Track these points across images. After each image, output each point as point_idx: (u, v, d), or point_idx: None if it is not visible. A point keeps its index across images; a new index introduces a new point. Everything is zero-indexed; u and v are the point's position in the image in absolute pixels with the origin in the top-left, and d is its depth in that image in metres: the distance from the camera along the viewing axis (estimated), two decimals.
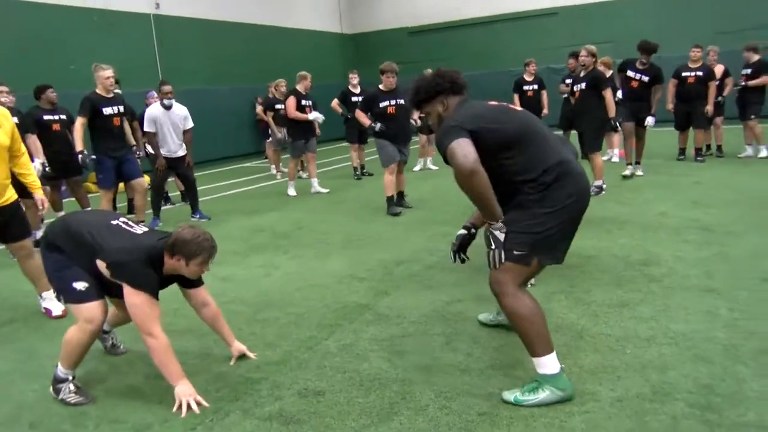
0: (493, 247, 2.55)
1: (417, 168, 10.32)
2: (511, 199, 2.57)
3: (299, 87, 8.56)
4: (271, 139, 10.71)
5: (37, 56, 10.53)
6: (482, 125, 2.52)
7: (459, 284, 4.22)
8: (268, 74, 13.07)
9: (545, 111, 10.11)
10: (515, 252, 2.52)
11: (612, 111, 6.90)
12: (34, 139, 6.14)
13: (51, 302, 4.18)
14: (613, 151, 9.83)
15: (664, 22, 14.81)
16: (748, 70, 9.06)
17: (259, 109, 12.20)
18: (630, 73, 8.06)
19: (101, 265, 2.82)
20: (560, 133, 9.24)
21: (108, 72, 6.18)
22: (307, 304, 4.06)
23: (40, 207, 4.10)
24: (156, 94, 8.40)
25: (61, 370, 2.91)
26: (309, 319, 3.78)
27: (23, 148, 4.04)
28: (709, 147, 9.66)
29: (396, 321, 3.65)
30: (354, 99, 9.53)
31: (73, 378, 2.94)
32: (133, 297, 2.74)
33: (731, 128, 10.22)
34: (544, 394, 2.53)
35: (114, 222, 2.97)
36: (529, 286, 3.89)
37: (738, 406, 2.43)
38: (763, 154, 8.99)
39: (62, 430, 2.67)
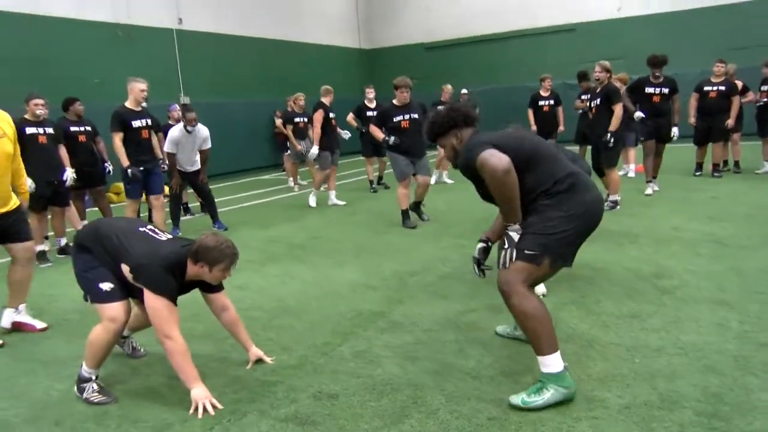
0: (506, 246, 2.67)
1: (432, 181, 10.39)
2: (525, 210, 2.71)
3: (325, 100, 8.75)
4: (289, 152, 10.86)
5: (62, 69, 10.81)
6: (503, 144, 2.68)
7: (472, 294, 4.28)
8: (286, 88, 13.29)
9: (561, 128, 10.15)
10: (527, 252, 2.64)
11: (616, 125, 6.88)
12: (64, 150, 6.41)
13: (26, 317, 4.19)
14: (629, 166, 9.84)
15: (678, 38, 14.81)
16: (767, 87, 9.05)
17: (278, 122, 12.38)
18: (649, 90, 7.95)
19: (125, 268, 2.93)
20: (576, 148, 9.28)
21: (142, 85, 6.34)
22: (323, 312, 4.15)
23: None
24: (177, 107, 8.61)
25: (85, 370, 3.02)
26: (324, 326, 3.86)
27: (18, 153, 4.12)
28: (726, 163, 9.64)
29: (409, 328, 3.72)
30: (369, 113, 9.67)
31: (97, 378, 3.04)
32: (153, 301, 2.84)
33: (749, 144, 10.20)
34: (548, 393, 2.60)
35: (141, 229, 3.10)
36: (542, 296, 3.97)
37: (746, 416, 2.47)
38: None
39: (85, 428, 2.76)
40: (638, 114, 7.85)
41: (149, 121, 6.54)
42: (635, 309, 3.78)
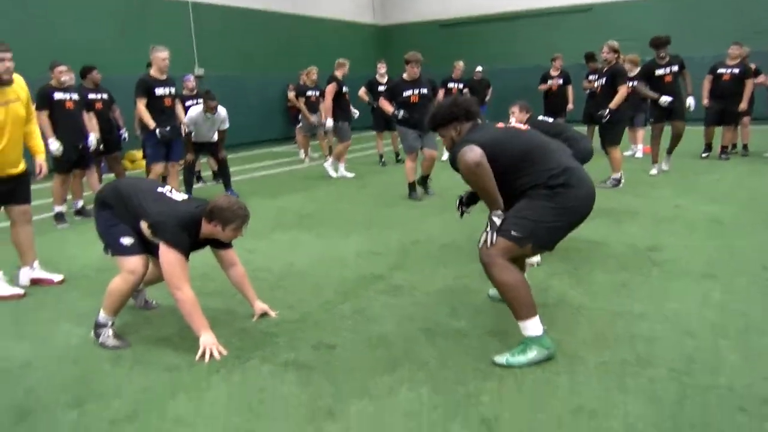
0: (488, 229, 2.83)
1: (444, 157, 10.49)
2: (517, 198, 2.87)
3: (338, 73, 8.89)
4: (301, 125, 11.02)
5: (79, 40, 10.97)
6: (492, 144, 2.82)
7: (469, 263, 4.45)
8: (300, 62, 13.38)
9: (570, 106, 10.22)
10: (513, 233, 2.78)
11: (617, 103, 6.93)
12: (90, 116, 6.72)
13: (41, 272, 4.40)
14: (637, 147, 9.89)
15: (693, 21, 14.67)
16: None
17: (291, 95, 12.50)
18: (659, 72, 7.89)
19: (144, 225, 3.14)
20: (584, 128, 9.35)
21: (164, 53, 6.43)
22: (327, 275, 4.35)
23: (38, 171, 4.30)
24: (192, 78, 8.80)
25: (102, 316, 3.24)
26: (327, 287, 4.06)
27: (33, 116, 4.28)
28: (734, 146, 9.67)
29: (407, 291, 3.91)
30: (380, 88, 9.76)
31: (113, 324, 3.27)
32: (166, 255, 3.05)
33: (759, 128, 10.19)
34: (532, 354, 2.77)
35: (159, 189, 3.31)
36: (536, 266, 4.14)
37: (713, 373, 2.64)
38: None
39: (102, 368, 2.99)
40: (664, 98, 7.70)
41: (173, 90, 6.66)
42: (625, 279, 3.94)
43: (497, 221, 2.81)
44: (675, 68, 7.89)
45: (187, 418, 2.48)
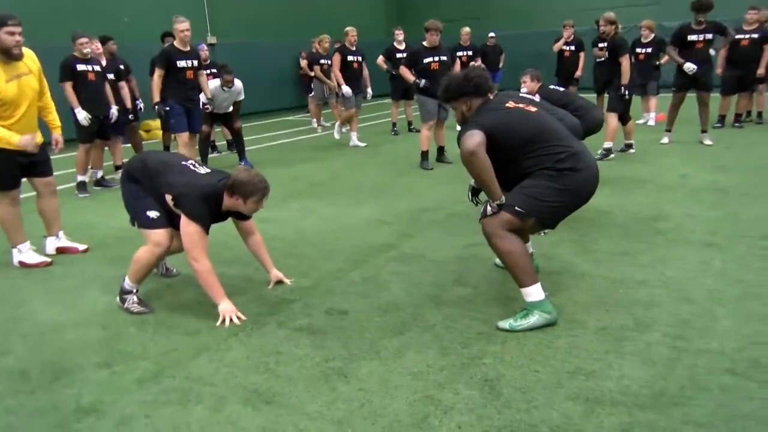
0: (482, 216, 2.98)
1: (459, 127, 10.45)
2: (528, 177, 2.95)
3: (346, 43, 8.91)
4: (313, 93, 11.06)
5: (90, 8, 11.04)
6: (499, 127, 2.90)
7: (477, 231, 4.50)
8: (311, 30, 13.35)
9: (578, 73, 10.16)
10: (516, 208, 2.88)
11: (626, 78, 6.80)
12: (122, 85, 7.09)
13: (66, 241, 4.58)
14: (650, 115, 9.86)
15: None
16: None
17: (303, 63, 12.50)
18: (692, 37, 7.57)
19: (168, 197, 3.29)
20: (594, 96, 9.31)
21: (181, 25, 6.45)
22: (338, 243, 4.50)
23: (54, 145, 4.41)
24: (205, 47, 8.87)
25: (127, 283, 3.42)
26: (339, 255, 4.21)
27: (47, 89, 4.37)
28: (749, 113, 9.60)
29: (416, 259, 4.05)
30: (399, 56, 9.73)
31: (137, 291, 3.45)
32: (187, 226, 3.20)
33: None
34: (534, 318, 2.92)
35: (183, 163, 3.43)
36: (542, 234, 4.26)
37: (706, 337, 2.77)
38: None
39: (128, 331, 3.18)
40: (689, 66, 7.49)
41: (195, 62, 6.67)
42: (628, 247, 4.05)
43: (490, 211, 2.93)
44: (709, 36, 7.58)
45: (209, 377, 2.66)
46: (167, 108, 6.62)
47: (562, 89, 5.52)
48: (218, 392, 2.53)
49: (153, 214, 3.34)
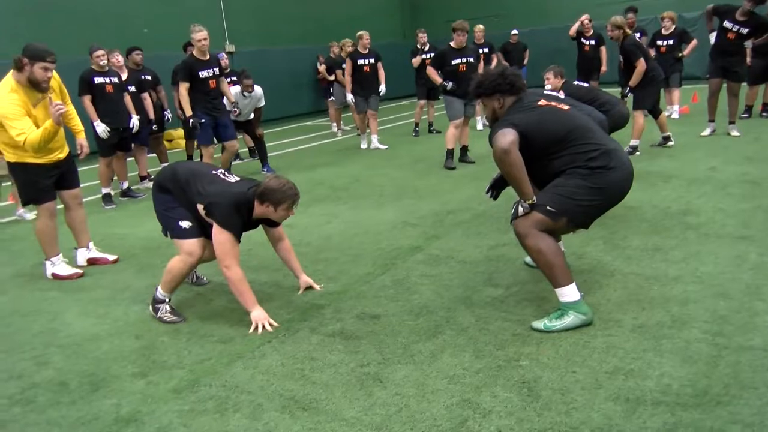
0: (513, 217, 2.95)
1: (480, 126, 10.43)
2: (560, 175, 2.93)
3: (359, 47, 8.93)
4: (333, 97, 11.08)
5: (111, 20, 11.20)
6: (533, 125, 2.88)
7: (503, 230, 4.55)
8: (327, 35, 13.41)
9: (604, 68, 10.04)
10: (548, 208, 2.85)
11: (635, 81, 6.63)
12: (144, 96, 7.12)
13: (96, 252, 4.63)
14: (673, 108, 9.72)
15: None
16: None
17: (321, 68, 12.53)
18: (727, 25, 7.42)
19: (200, 207, 3.31)
20: (619, 90, 9.19)
21: (200, 34, 6.38)
22: (364, 247, 4.49)
23: (78, 151, 4.45)
24: (224, 55, 8.95)
25: (160, 293, 3.45)
26: (366, 259, 4.21)
27: (68, 97, 4.40)
28: None
29: (444, 261, 4.03)
30: (423, 56, 9.83)
31: (170, 300, 3.47)
32: (219, 235, 3.22)
33: None
34: (569, 319, 2.88)
35: (213, 172, 3.45)
36: (573, 233, 4.20)
37: (746, 334, 2.71)
38: None
39: (161, 341, 3.20)
40: (747, 44, 7.51)
41: (216, 70, 6.61)
42: (659, 243, 3.99)
43: (521, 211, 2.90)
44: (744, 31, 7.39)
45: (245, 385, 2.67)
46: (202, 121, 6.55)
47: (586, 85, 5.47)
48: (255, 400, 2.54)
49: (185, 224, 3.37)
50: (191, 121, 6.55)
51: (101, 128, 6.32)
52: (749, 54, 8.52)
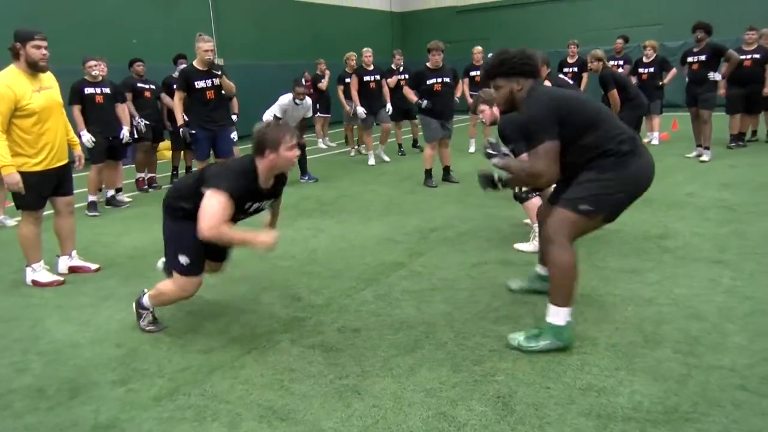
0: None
1: (472, 149, 10.40)
2: (582, 167, 2.85)
3: (363, 64, 9.24)
4: (318, 114, 11.16)
5: (100, 32, 11.24)
6: (564, 114, 2.79)
7: (487, 249, 4.62)
8: (318, 51, 13.55)
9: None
10: (581, 206, 2.79)
11: (615, 110, 6.66)
12: (124, 108, 6.97)
13: (79, 261, 4.61)
14: (653, 134, 9.90)
15: (719, 3, 14.54)
16: None
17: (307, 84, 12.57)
18: (689, 59, 8.24)
19: (204, 194, 2.96)
20: None
21: (206, 45, 6.16)
22: (349, 261, 4.53)
23: (77, 163, 4.53)
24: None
25: (146, 301, 3.43)
26: (349, 274, 4.25)
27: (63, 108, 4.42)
28: (755, 133, 9.63)
29: (426, 277, 4.09)
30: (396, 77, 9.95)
31: (153, 310, 3.48)
32: (207, 199, 2.89)
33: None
34: (544, 342, 2.86)
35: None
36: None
37: (716, 354, 2.79)
38: None
39: (142, 349, 3.21)
40: (712, 75, 8.02)
41: (216, 81, 6.33)
42: (636, 265, 4.08)
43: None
44: (702, 58, 8.03)
45: (224, 395, 2.69)
46: (192, 132, 6.36)
47: (571, 82, 5.47)
48: (234, 409, 2.56)
49: (184, 259, 3.17)
50: (181, 131, 6.39)
51: (86, 137, 6.33)
52: (723, 85, 8.79)
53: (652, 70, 9.46)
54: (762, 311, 3.23)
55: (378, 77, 9.20)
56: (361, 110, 9.03)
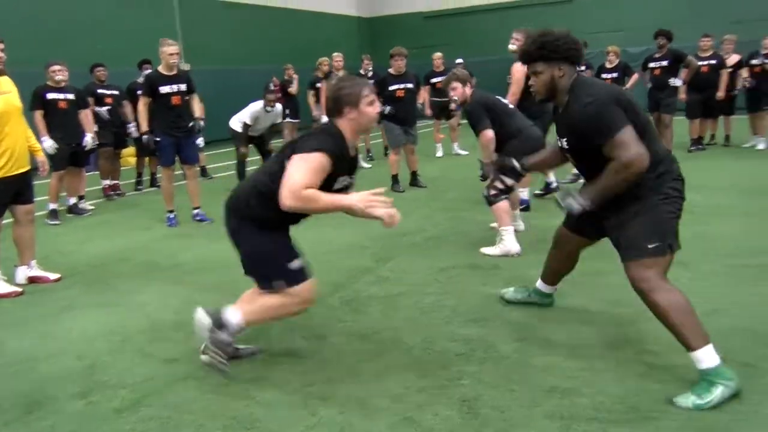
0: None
1: (439, 154, 10.34)
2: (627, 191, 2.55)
3: (333, 69, 9.38)
4: (287, 119, 11.09)
5: (65, 37, 11.02)
6: (626, 105, 2.49)
7: (454, 254, 4.65)
8: (286, 56, 13.48)
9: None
10: (649, 246, 2.51)
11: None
12: (87, 114, 6.85)
13: (38, 270, 4.50)
14: None
15: (680, 10, 14.94)
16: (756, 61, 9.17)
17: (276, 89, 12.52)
18: (651, 64, 8.68)
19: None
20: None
21: (170, 48, 5.99)
22: (319, 267, 4.39)
23: (41, 170, 4.48)
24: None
25: (237, 320, 2.75)
26: (318, 279, 4.20)
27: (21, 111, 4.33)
28: (713, 137, 9.90)
29: (394, 282, 4.10)
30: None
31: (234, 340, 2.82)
32: (295, 163, 2.47)
33: (741, 118, 10.47)
34: (718, 390, 2.39)
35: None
36: (515, 256, 4.31)
37: (675, 353, 2.83)
38: (761, 146, 9.20)
39: (104, 361, 3.14)
40: (672, 81, 8.43)
41: (183, 87, 6.13)
42: (600, 268, 4.11)
43: (576, 207, 2.56)
44: (664, 63, 8.46)
45: (188, 405, 2.64)
46: (156, 139, 6.19)
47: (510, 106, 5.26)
48: (197, 420, 2.52)
49: (296, 264, 2.69)
50: (144, 138, 6.29)
51: (48, 144, 6.19)
52: (684, 90, 9.03)
53: (615, 75, 9.61)
54: (719, 310, 3.32)
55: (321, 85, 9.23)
56: (326, 119, 8.98)
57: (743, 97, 9.46)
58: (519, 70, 5.60)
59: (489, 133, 4.57)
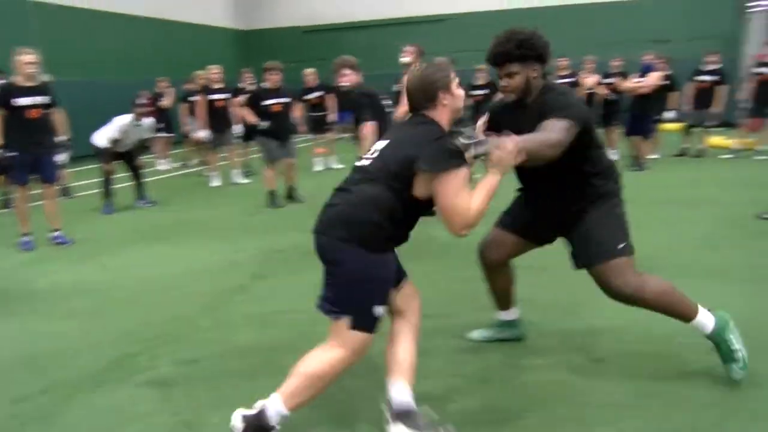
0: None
1: (318, 167, 10.32)
2: (583, 193, 2.62)
3: (209, 82, 9.11)
4: (160, 134, 10.67)
5: None
6: (588, 119, 2.57)
7: None
8: (159, 68, 12.96)
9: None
10: (618, 246, 2.54)
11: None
12: None
13: None
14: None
15: (551, 33, 16.02)
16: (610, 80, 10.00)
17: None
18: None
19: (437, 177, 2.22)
20: None
21: (27, 57, 5.56)
22: (187, 288, 4.34)
23: None
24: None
25: (279, 409, 2.36)
26: (188, 300, 4.07)
27: None
28: None
29: (269, 300, 4.04)
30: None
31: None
32: (451, 178, 2.20)
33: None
34: (732, 338, 2.56)
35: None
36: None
37: (530, 355, 3.04)
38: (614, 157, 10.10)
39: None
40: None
41: (43, 99, 5.66)
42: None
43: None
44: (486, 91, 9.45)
45: None
46: (10, 155, 5.60)
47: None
48: None
49: (380, 310, 2.35)
50: None
51: None
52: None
53: (485, 92, 10.21)
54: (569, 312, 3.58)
55: (228, 96, 8.99)
56: (203, 134, 8.78)
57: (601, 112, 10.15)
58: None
59: (370, 125, 4.66)
